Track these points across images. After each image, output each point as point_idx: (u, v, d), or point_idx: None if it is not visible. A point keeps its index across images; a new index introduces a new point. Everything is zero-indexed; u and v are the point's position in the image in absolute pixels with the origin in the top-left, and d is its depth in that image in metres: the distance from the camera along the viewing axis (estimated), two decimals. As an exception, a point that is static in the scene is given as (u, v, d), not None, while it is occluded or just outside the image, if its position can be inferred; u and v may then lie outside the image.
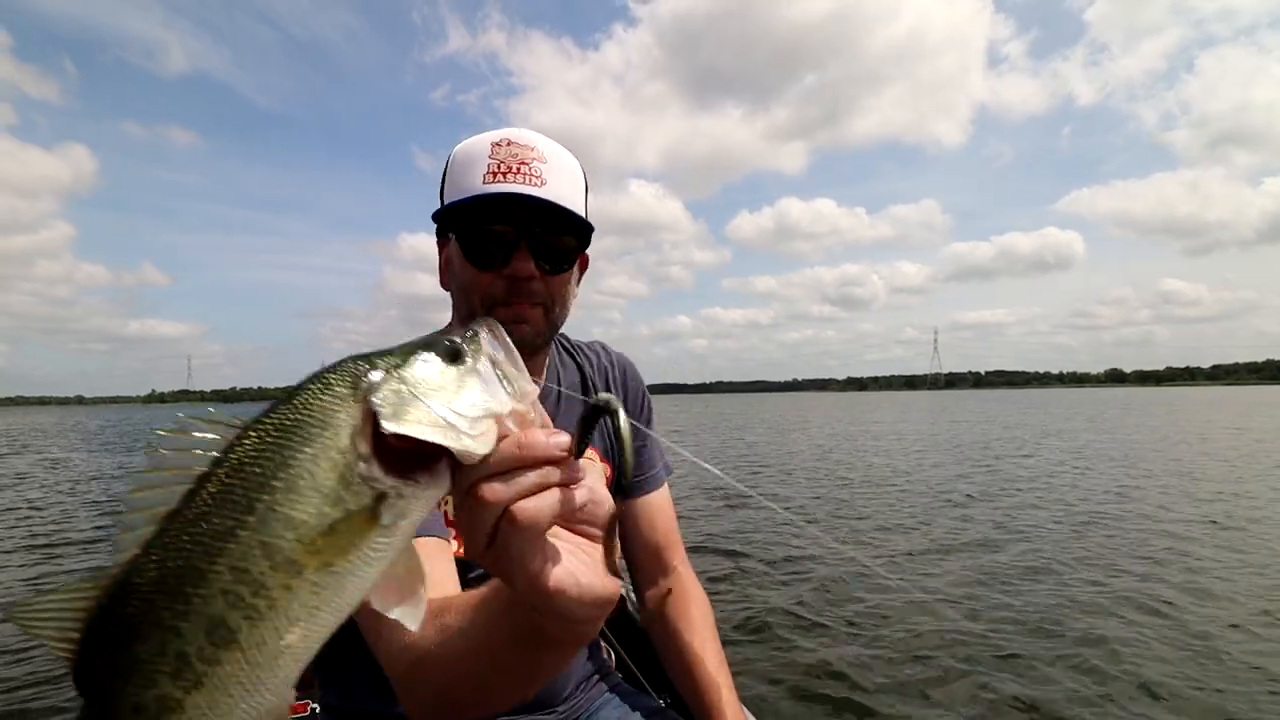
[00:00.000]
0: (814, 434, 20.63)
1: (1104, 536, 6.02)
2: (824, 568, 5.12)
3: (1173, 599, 4.29)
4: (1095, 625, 3.86)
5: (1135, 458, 12.39)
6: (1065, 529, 6.38)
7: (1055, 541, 5.87)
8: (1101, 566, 5.06)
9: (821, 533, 5.54)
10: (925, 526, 6.67)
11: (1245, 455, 12.44)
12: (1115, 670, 3.31)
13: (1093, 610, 4.12)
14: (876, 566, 5.21)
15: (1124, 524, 6.55)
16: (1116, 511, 7.16)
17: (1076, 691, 3.12)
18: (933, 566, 5.19)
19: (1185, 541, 5.77)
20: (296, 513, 0.36)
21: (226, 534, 0.35)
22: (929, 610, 4.18)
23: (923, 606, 4.25)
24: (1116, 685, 3.17)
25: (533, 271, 0.84)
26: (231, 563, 0.35)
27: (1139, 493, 8.42)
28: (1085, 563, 5.16)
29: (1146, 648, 3.57)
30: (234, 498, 0.36)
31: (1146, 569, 4.96)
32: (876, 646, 3.67)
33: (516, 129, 0.87)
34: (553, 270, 0.87)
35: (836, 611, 4.23)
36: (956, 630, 3.83)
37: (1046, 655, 3.49)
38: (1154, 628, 3.83)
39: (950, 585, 4.70)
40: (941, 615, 4.09)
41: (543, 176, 0.84)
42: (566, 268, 0.89)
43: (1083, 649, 3.53)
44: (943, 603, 4.31)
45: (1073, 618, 3.99)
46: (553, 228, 0.85)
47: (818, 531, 5.88)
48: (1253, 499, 7.80)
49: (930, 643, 3.68)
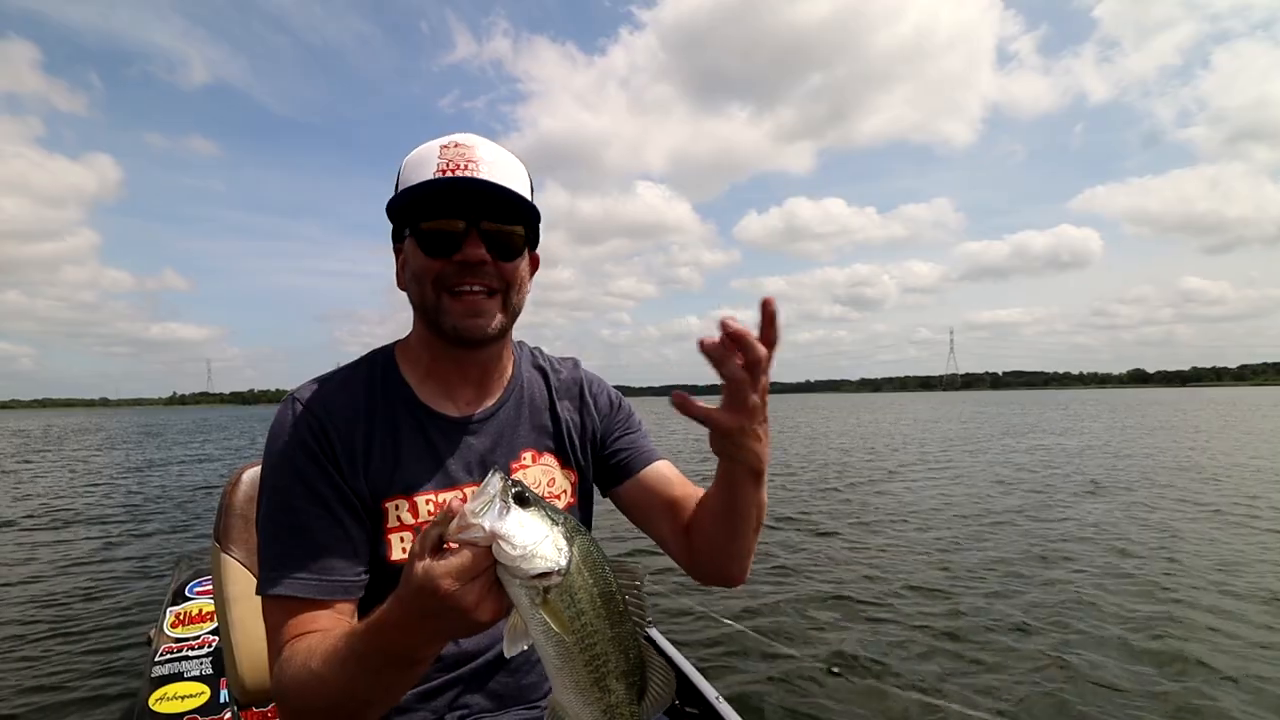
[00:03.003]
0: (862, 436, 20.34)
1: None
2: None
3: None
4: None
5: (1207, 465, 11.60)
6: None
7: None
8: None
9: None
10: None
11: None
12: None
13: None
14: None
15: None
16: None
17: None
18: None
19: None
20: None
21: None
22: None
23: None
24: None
25: (484, 256, 0.88)
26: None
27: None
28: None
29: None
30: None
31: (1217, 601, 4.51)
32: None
33: (463, 134, 0.91)
34: (503, 257, 0.90)
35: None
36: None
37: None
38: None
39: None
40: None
41: (490, 174, 0.88)
42: (516, 255, 0.92)
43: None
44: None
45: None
46: (501, 216, 0.89)
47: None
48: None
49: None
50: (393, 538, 0.90)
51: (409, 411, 0.95)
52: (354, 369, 0.98)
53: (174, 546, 6.65)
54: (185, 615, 2.41)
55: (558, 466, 1.04)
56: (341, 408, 0.91)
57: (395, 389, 0.96)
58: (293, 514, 0.85)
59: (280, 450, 0.88)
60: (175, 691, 1.96)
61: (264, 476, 0.89)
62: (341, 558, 0.86)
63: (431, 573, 0.59)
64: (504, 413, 1.01)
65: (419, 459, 0.93)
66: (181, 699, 1.93)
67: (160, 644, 2.23)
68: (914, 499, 8.69)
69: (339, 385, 0.94)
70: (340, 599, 0.85)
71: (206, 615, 2.39)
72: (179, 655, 2.15)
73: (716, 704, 1.60)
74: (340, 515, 0.87)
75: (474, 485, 0.94)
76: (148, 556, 6.28)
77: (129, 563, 6.05)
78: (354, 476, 0.88)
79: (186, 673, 2.05)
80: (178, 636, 2.27)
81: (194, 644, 2.22)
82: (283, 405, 0.92)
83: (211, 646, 2.18)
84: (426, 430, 0.95)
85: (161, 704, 1.91)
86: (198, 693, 1.95)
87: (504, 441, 1.00)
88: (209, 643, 2.21)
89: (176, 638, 2.26)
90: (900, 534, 6.68)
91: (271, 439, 0.90)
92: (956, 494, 9.02)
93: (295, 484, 0.86)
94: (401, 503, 0.91)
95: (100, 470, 14.81)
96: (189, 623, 2.36)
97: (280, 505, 0.86)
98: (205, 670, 2.06)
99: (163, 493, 10.85)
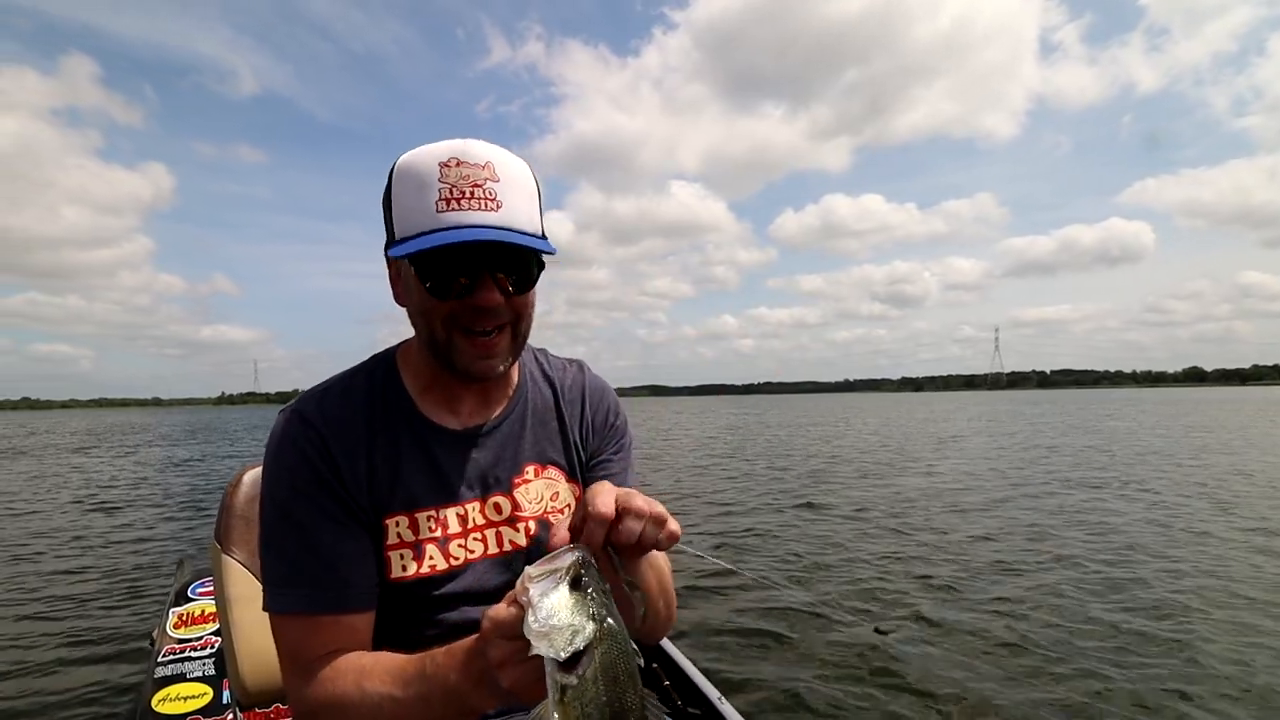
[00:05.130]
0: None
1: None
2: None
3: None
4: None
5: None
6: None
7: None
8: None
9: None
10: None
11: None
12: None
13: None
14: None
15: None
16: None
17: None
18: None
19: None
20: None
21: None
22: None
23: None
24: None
25: (498, 301, 0.82)
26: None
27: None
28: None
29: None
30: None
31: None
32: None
33: (463, 142, 0.81)
34: (518, 292, 0.85)
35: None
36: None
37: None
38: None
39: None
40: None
41: (497, 198, 0.79)
42: (530, 287, 0.86)
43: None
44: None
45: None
46: (515, 256, 0.83)
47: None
48: None
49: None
50: (392, 555, 0.87)
51: (410, 425, 0.91)
52: (354, 378, 0.94)
53: (183, 545, 6.67)
54: (188, 616, 2.41)
55: (563, 479, 1.00)
56: (342, 421, 0.88)
57: (396, 400, 0.92)
58: (300, 529, 0.83)
59: (283, 465, 0.86)
60: (178, 692, 1.96)
61: (266, 492, 0.86)
62: (355, 569, 0.84)
63: (485, 613, 0.61)
64: (508, 425, 0.97)
65: (420, 474, 0.90)
66: (184, 700, 1.93)
67: (163, 645, 2.23)
68: (927, 493, 8.70)
69: (339, 397, 0.91)
70: (357, 611, 0.84)
71: (209, 616, 2.39)
72: (181, 656, 2.15)
73: (719, 705, 1.59)
74: (349, 527, 0.85)
75: (475, 501, 0.92)
76: (154, 555, 6.31)
77: (135, 559, 6.09)
78: (357, 491, 0.86)
79: (189, 674, 2.05)
80: (180, 637, 2.27)
81: (196, 645, 2.22)
82: (283, 419, 0.89)
83: (214, 647, 2.19)
84: (428, 444, 0.91)
85: (164, 705, 1.91)
86: (200, 694, 1.95)
87: (507, 455, 0.96)
88: (211, 644, 2.21)
89: (179, 639, 2.26)
90: (917, 534, 6.67)
91: (272, 454, 0.87)
92: (984, 485, 9.00)
93: (300, 499, 0.84)
94: (402, 519, 0.88)
95: (124, 468, 15.06)
96: (191, 624, 2.36)
97: (286, 520, 0.84)
98: (208, 671, 2.06)
99: (179, 490, 10.95)
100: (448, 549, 0.89)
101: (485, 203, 0.78)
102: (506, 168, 0.81)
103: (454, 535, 0.90)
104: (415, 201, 0.79)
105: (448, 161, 0.79)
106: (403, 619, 0.88)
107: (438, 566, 0.88)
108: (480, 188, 0.78)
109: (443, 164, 0.79)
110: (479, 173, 0.79)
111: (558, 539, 0.64)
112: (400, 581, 0.87)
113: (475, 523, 0.92)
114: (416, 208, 0.79)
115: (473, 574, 0.91)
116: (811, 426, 26.95)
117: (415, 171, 0.80)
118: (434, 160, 0.79)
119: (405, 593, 0.87)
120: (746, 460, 14.16)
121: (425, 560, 0.88)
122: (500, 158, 0.81)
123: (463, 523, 0.91)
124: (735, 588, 4.77)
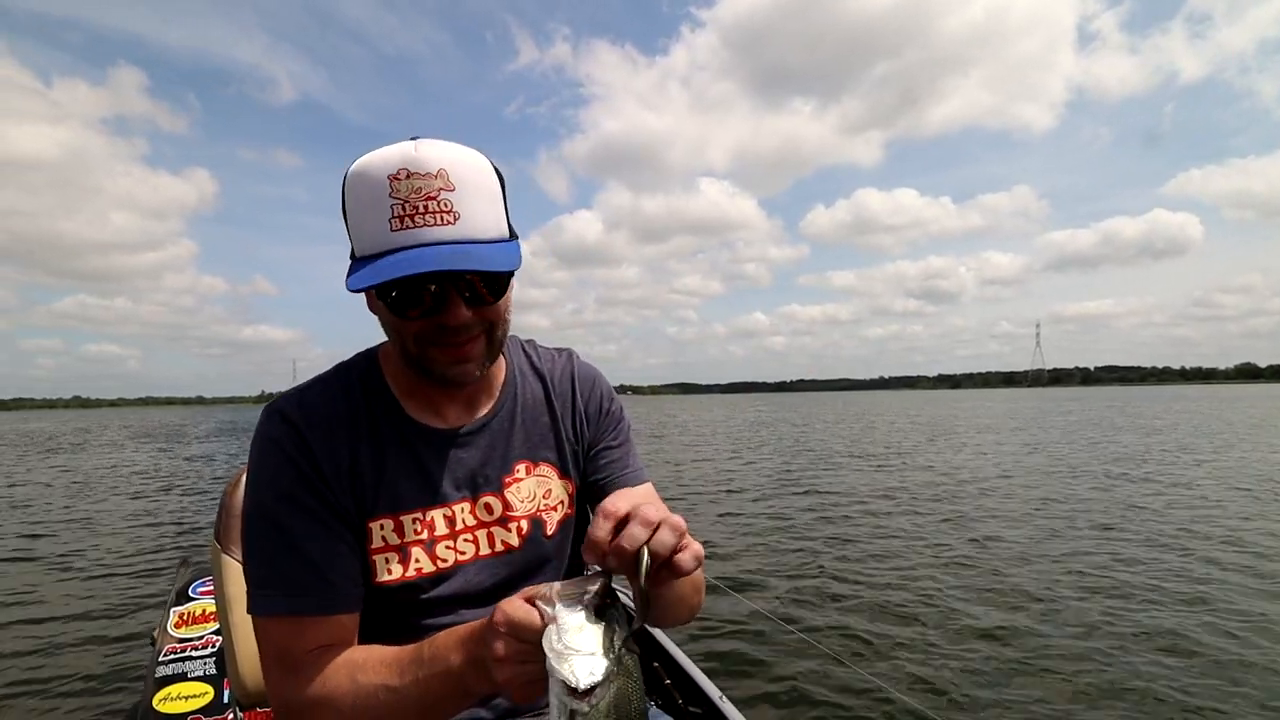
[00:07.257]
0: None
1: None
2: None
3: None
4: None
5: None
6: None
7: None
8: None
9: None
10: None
11: None
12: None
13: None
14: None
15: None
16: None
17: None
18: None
19: None
20: None
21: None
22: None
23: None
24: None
25: (466, 318, 0.79)
26: None
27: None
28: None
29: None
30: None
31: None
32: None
33: (413, 147, 0.74)
34: (487, 303, 0.81)
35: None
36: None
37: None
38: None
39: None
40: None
41: (453, 209, 0.74)
42: (501, 295, 0.82)
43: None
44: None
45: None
46: (482, 273, 0.77)
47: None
48: None
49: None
50: (377, 559, 0.85)
51: (395, 425, 0.89)
52: (336, 377, 0.91)
53: (184, 544, 6.69)
54: (189, 615, 2.41)
55: (555, 476, 0.97)
56: (325, 421, 0.85)
57: (380, 400, 0.89)
58: (284, 531, 0.81)
59: (265, 468, 0.83)
60: (179, 692, 1.96)
61: (250, 495, 0.84)
62: (340, 570, 0.82)
63: (500, 605, 0.62)
64: (496, 423, 0.94)
65: (406, 476, 0.87)
66: (185, 699, 1.93)
67: (164, 644, 2.23)
68: (951, 496, 8.69)
69: (322, 398, 0.88)
70: (342, 612, 0.82)
71: (210, 615, 2.39)
72: (182, 655, 2.15)
73: (720, 703, 1.59)
74: (332, 527, 0.83)
75: (464, 502, 0.91)
76: (157, 554, 6.32)
77: (137, 558, 6.09)
78: (340, 490, 0.84)
79: (190, 673, 2.05)
80: (181, 637, 2.27)
81: (197, 644, 2.22)
82: (264, 419, 0.85)
83: (215, 647, 2.19)
84: (413, 445, 0.89)
85: (165, 704, 1.91)
86: (201, 693, 1.95)
87: (496, 454, 0.94)
88: (212, 643, 2.21)
89: (180, 638, 2.26)
90: (936, 537, 6.66)
91: (254, 456, 0.84)
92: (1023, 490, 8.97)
93: (283, 501, 0.81)
94: (386, 522, 0.86)
95: (140, 466, 15.14)
96: (192, 623, 2.36)
97: (271, 523, 0.82)
98: (209, 670, 2.06)
99: (188, 486, 10.96)
100: (434, 551, 0.88)
101: (441, 216, 0.73)
102: (461, 171, 0.75)
103: (441, 537, 0.88)
104: (368, 219, 0.75)
105: (397, 174, 0.73)
106: (392, 623, 0.87)
107: (424, 569, 0.87)
108: (434, 199, 0.73)
109: (392, 177, 0.73)
110: (431, 183, 0.73)
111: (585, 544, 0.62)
112: (386, 585, 0.85)
113: (465, 524, 0.90)
114: (370, 227, 0.75)
115: (463, 576, 0.89)
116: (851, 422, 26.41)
117: (366, 185, 0.75)
118: (383, 173, 0.74)
119: (392, 597, 0.86)
120: (763, 455, 14.13)
121: (411, 563, 0.86)
122: (453, 161, 0.75)
123: (450, 524, 0.89)
124: (735, 587, 4.77)
